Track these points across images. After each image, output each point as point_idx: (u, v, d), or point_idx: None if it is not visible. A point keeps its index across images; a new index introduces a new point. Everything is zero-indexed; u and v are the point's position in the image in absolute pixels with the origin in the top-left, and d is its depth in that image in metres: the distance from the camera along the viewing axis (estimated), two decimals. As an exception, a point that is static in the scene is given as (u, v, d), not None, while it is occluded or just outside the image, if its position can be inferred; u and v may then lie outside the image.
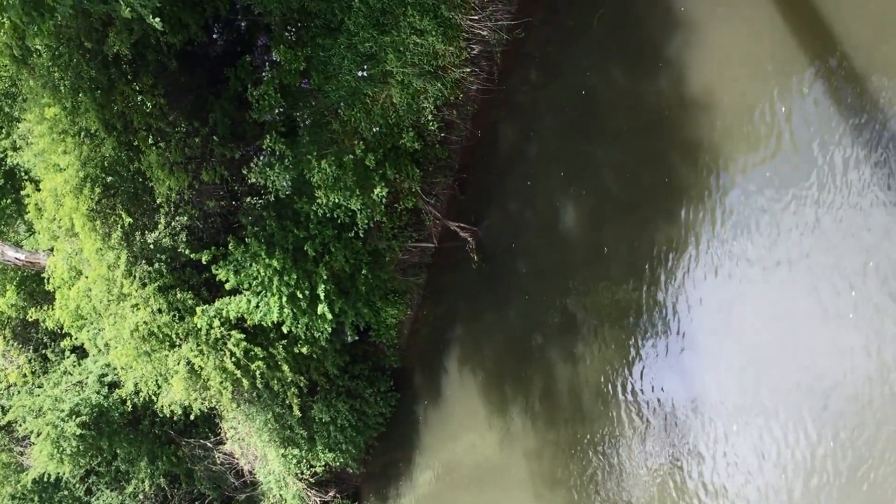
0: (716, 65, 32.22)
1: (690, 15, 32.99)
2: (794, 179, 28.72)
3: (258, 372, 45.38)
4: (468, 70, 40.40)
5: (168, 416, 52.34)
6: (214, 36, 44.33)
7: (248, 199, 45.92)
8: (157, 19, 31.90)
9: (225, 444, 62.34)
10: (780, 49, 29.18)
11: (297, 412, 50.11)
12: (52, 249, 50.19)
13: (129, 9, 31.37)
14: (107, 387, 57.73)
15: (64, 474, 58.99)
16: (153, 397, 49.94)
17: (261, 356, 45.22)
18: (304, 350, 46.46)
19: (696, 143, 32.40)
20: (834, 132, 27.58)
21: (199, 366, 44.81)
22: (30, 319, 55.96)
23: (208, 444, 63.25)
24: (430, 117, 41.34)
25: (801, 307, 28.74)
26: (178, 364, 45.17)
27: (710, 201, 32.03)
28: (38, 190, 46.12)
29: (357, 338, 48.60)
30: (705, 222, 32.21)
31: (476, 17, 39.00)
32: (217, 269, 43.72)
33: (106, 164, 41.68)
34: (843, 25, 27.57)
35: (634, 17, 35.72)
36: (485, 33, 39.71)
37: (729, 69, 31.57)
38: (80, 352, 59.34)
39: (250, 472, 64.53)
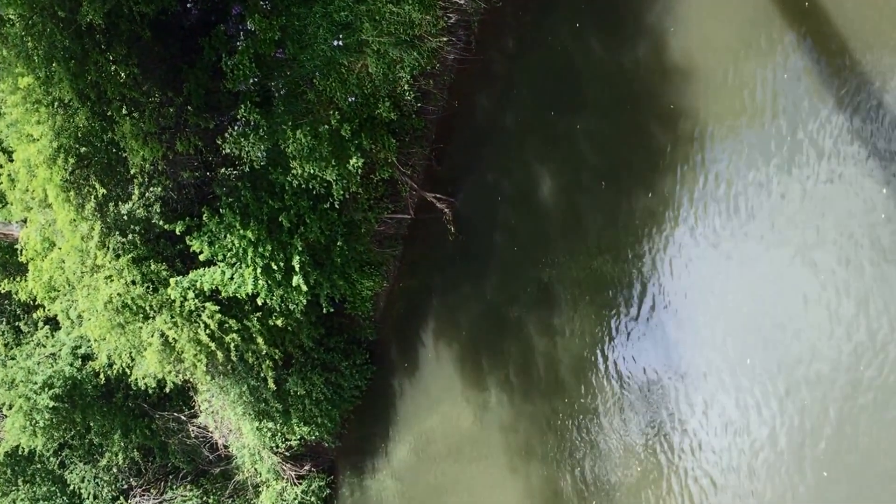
0: (697, 31, 32.02)
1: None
2: (775, 148, 28.60)
3: (233, 344, 45.21)
4: (445, 39, 40.17)
5: (142, 388, 52.11)
6: (188, 5, 44.01)
7: (223, 170, 45.67)
8: (132, -12, 31.69)
9: (199, 417, 62.21)
10: (762, 14, 28.99)
11: (271, 385, 49.94)
12: (25, 221, 49.88)
13: (102, -23, 31.12)
14: (80, 359, 57.55)
15: (37, 447, 58.74)
16: (127, 370, 49.77)
17: (235, 328, 45.06)
18: (279, 322, 46.27)
19: (677, 111, 32.25)
20: (817, 100, 27.45)
21: (173, 338, 44.64)
22: (2, 291, 55.60)
23: (182, 418, 63.16)
24: (406, 87, 41.12)
25: (783, 275, 28.64)
26: (152, 336, 44.94)
27: (689, 171, 31.90)
28: (11, 160, 45.75)
29: (332, 310, 48.33)
30: (684, 191, 32.09)
31: (453, -14, 38.86)
32: (191, 241, 43.48)
33: (80, 134, 41.35)
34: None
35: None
36: (462, 2, 39.49)
37: (710, 36, 31.39)
38: (54, 323, 59.13)
39: (224, 446, 64.44)
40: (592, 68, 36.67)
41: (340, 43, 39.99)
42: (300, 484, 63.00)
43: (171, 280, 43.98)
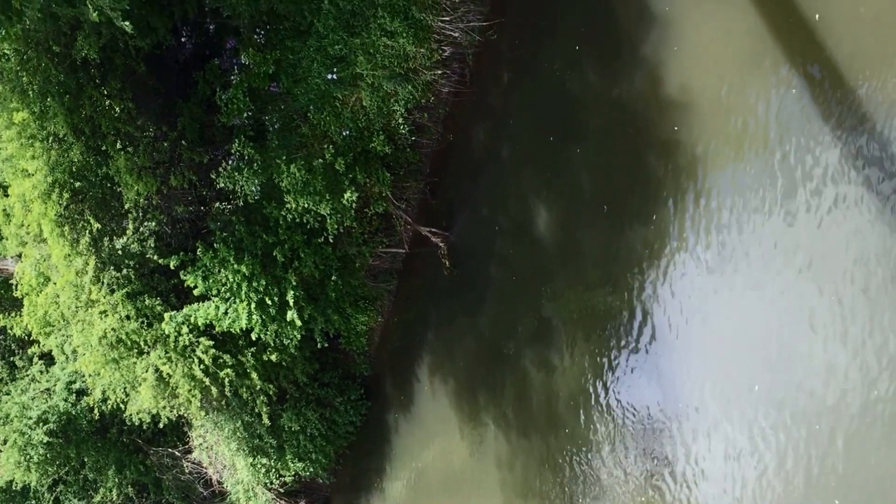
0: (692, 62, 31.87)
1: (666, 11, 32.66)
2: (771, 180, 28.53)
3: (227, 380, 45.13)
4: (440, 72, 40.17)
5: (136, 424, 52.03)
6: (183, 39, 44.10)
7: (217, 205, 45.66)
8: (127, 23, 31.67)
9: (193, 452, 62.09)
10: (758, 46, 28.94)
11: (266, 421, 49.86)
12: (20, 255, 49.87)
13: (97, 12, 31.16)
14: (75, 394, 57.56)
15: (31, 483, 58.70)
16: (121, 405, 49.68)
17: (229, 363, 44.97)
18: (274, 357, 46.17)
19: (673, 142, 32.10)
20: (812, 132, 27.37)
21: (168, 373, 44.57)
22: (-2, 326, 55.67)
23: (176, 453, 63.08)
24: (400, 120, 41.11)
25: (780, 310, 28.56)
26: (147, 371, 44.89)
27: (685, 202, 31.75)
28: (6, 195, 45.85)
29: (327, 345, 48.19)
30: (685, 219, 31.89)
31: (447, 19, 38.76)
32: (185, 275, 43.41)
33: (74, 169, 41.39)
34: (824, 21, 27.37)
35: (608, 14, 35.40)
36: (456, 35, 39.47)
37: (706, 67, 31.27)
38: (48, 359, 59.10)
39: (219, 482, 64.30)
40: (588, 99, 36.52)
41: (334, 76, 40.02)
42: (295, 520, 62.92)
43: (166, 315, 43.92)
